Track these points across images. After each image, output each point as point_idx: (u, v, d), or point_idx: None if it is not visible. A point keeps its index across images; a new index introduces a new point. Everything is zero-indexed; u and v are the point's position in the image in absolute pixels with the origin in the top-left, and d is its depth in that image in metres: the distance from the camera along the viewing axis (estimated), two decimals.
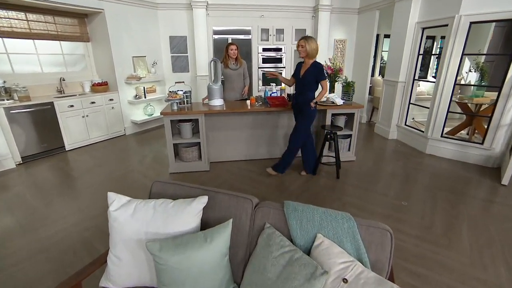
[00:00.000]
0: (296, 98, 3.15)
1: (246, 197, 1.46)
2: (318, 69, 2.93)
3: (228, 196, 1.47)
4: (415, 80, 4.43)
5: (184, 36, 5.60)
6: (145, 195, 2.94)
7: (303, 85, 3.04)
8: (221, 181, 3.32)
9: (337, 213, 1.34)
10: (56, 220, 2.55)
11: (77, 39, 4.86)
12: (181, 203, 1.37)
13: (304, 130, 3.14)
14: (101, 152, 4.35)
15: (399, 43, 4.48)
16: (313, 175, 3.46)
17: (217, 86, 3.48)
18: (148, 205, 1.35)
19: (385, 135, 4.99)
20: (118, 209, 1.32)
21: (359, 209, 2.73)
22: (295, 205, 1.40)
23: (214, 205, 1.46)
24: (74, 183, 3.29)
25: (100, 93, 4.76)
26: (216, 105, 3.52)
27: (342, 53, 6.17)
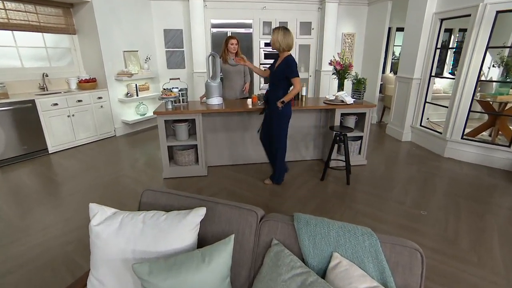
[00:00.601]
0: (267, 95, 3.03)
1: (250, 209, 1.36)
2: (288, 64, 2.78)
3: (229, 208, 1.37)
4: (432, 77, 4.34)
5: (180, 29, 5.52)
6: (136, 203, 2.90)
7: (273, 81, 2.94)
8: (220, 188, 3.22)
9: (356, 228, 1.22)
10: (33, 232, 2.44)
11: (62, 31, 4.77)
12: (175, 215, 1.26)
13: (279, 132, 3.01)
14: (88, 155, 4.25)
15: (414, 37, 4.39)
16: (278, 184, 3.30)
17: (215, 83, 3.38)
18: (136, 218, 1.24)
19: (398, 136, 4.90)
20: (101, 223, 1.21)
21: (372, 218, 2.63)
22: (306, 218, 1.29)
23: (213, 217, 1.35)
24: (57, 189, 3.19)
25: (88, 91, 4.66)
26: (214, 104, 3.43)
27: (350, 48, 6.09)
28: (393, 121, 5.02)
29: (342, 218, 2.62)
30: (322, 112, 3.83)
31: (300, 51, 5.96)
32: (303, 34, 5.84)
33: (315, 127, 3.90)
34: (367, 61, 5.95)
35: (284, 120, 2.97)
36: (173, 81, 3.73)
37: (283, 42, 2.75)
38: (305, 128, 3.88)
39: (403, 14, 4.68)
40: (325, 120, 3.88)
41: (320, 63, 5.97)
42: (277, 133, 3.01)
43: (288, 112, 2.97)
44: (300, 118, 3.80)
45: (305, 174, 3.57)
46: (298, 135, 3.90)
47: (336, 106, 3.52)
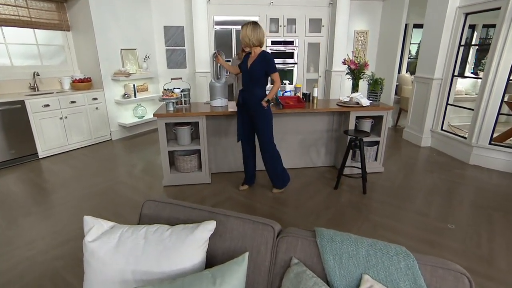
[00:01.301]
0: (242, 96, 2.95)
1: (265, 223, 1.28)
2: (266, 59, 2.75)
3: (242, 221, 1.29)
4: (455, 77, 4.27)
5: (181, 26, 5.50)
6: (134, 214, 2.83)
7: (250, 80, 2.87)
8: (225, 197, 3.15)
9: (389, 247, 1.14)
10: (19, 246, 2.36)
11: (55, 27, 4.75)
12: (181, 230, 1.18)
13: (269, 135, 2.96)
14: (81, 160, 4.19)
15: (435, 33, 4.33)
16: (252, 185, 3.34)
17: (220, 83, 3.33)
18: (137, 234, 1.15)
19: (416, 141, 4.81)
20: (97, 239, 1.13)
21: (394, 232, 2.54)
22: (330, 234, 1.20)
23: (224, 232, 1.28)
24: (46, 198, 3.12)
25: (82, 91, 4.63)
26: (218, 105, 3.37)
27: (363, 46, 6.04)
28: (411, 125, 4.94)
29: (360, 232, 2.53)
30: (335, 115, 3.76)
31: (309, 49, 5.91)
32: (312, 31, 5.79)
33: (327, 131, 3.83)
34: (381, 61, 5.89)
35: (270, 120, 2.94)
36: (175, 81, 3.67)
37: (252, 36, 2.74)
38: (316, 132, 3.80)
39: (421, 9, 4.63)
40: (338, 124, 3.81)
41: (330, 62, 5.90)
42: (266, 136, 2.95)
43: (271, 111, 2.95)
44: (310, 121, 3.73)
45: (317, 182, 3.49)
46: (309, 140, 3.83)
47: (350, 109, 3.45)
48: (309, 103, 3.67)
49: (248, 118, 3.00)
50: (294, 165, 3.89)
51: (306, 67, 6.03)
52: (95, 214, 2.79)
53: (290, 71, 5.94)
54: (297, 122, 3.71)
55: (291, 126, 3.71)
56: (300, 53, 5.87)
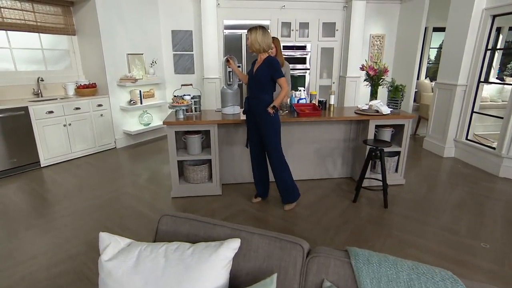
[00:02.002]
0: (248, 103, 2.95)
1: (293, 241, 1.24)
2: (271, 65, 2.75)
3: (268, 239, 1.25)
4: (481, 83, 4.21)
5: (189, 30, 5.55)
6: (141, 227, 2.81)
7: (257, 87, 2.86)
8: (237, 210, 3.11)
9: (434, 271, 1.08)
10: (20, 261, 2.33)
11: (61, 32, 4.82)
12: (204, 249, 1.14)
13: (276, 145, 2.93)
14: (85, 169, 4.20)
15: (459, 37, 4.29)
16: (265, 198, 3.32)
17: (232, 90, 3.32)
18: (157, 252, 1.12)
19: (438, 152, 4.74)
20: (114, 258, 1.09)
21: (421, 250, 2.46)
22: (366, 255, 1.15)
23: (248, 251, 1.24)
24: (49, 210, 3.10)
25: (87, 97, 4.66)
26: (229, 113, 3.36)
27: (379, 50, 6.02)
28: (432, 134, 4.87)
29: (384, 249, 2.46)
30: (352, 123, 3.72)
31: (322, 54, 5.92)
32: (326, 36, 5.80)
33: (343, 140, 3.79)
34: (399, 66, 5.85)
35: (277, 129, 2.91)
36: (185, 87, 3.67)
37: (263, 42, 2.73)
38: (332, 141, 3.76)
39: (441, 11, 4.60)
40: (356, 133, 3.76)
41: (345, 68, 5.89)
42: (273, 145, 2.92)
43: (278, 119, 2.92)
44: (326, 130, 3.70)
45: (333, 195, 3.44)
46: (325, 150, 3.79)
47: (370, 117, 3.41)
48: (325, 111, 3.64)
49: (255, 126, 2.98)
50: (309, 176, 3.84)
51: (319, 73, 6.03)
52: (100, 227, 2.77)
53: (302, 77, 5.94)
54: (312, 130, 3.68)
55: (306, 135, 3.68)
56: (312, 58, 5.87)
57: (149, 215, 2.98)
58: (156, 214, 3.01)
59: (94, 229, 2.74)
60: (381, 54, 6.01)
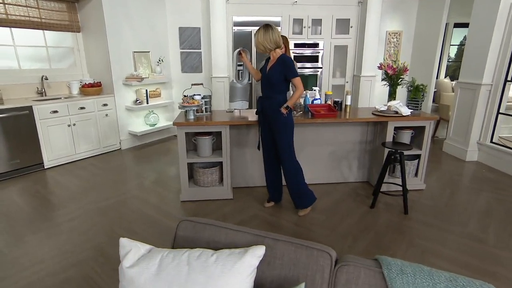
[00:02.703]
0: (261, 103, 2.96)
1: (321, 249, 1.23)
2: (285, 63, 2.75)
3: (293, 246, 1.25)
4: (508, 82, 4.16)
5: (197, 27, 5.58)
6: (150, 232, 2.82)
7: (270, 86, 2.86)
8: (250, 215, 3.11)
9: (473, 284, 1.06)
10: (27, 266, 2.35)
11: (65, 29, 4.88)
12: (228, 256, 1.15)
13: (289, 147, 2.94)
14: (89, 171, 4.24)
15: (484, 33, 4.24)
16: (278, 202, 3.34)
17: (241, 84, 3.30)
18: (179, 259, 1.12)
19: (460, 155, 4.70)
20: (135, 265, 1.10)
21: (447, 260, 2.43)
22: (399, 265, 1.14)
23: (273, 259, 1.24)
24: (54, 213, 3.13)
25: (92, 97, 4.71)
26: (237, 108, 3.37)
27: (396, 48, 5.99)
28: (453, 137, 4.82)
29: (406, 258, 2.44)
30: (369, 125, 3.70)
31: (336, 53, 5.90)
32: (339, 33, 5.79)
33: (360, 142, 3.77)
34: (416, 65, 5.81)
35: (290, 130, 2.91)
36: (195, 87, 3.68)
37: (265, 41, 2.74)
38: (348, 144, 3.75)
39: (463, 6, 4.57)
40: (373, 135, 3.74)
41: (359, 66, 5.87)
42: (286, 147, 2.92)
43: (292, 120, 2.92)
44: (342, 132, 3.69)
45: (349, 200, 3.42)
46: (340, 152, 3.78)
47: (388, 118, 3.39)
48: (341, 112, 3.62)
49: (268, 127, 2.98)
50: (324, 180, 3.83)
51: (332, 72, 6.01)
52: (108, 231, 2.79)
53: (314, 76, 5.93)
54: (327, 132, 3.67)
55: (320, 137, 3.67)
56: (325, 56, 5.86)
57: (158, 220, 2.99)
58: (165, 218, 3.02)
59: (102, 233, 2.76)
60: (398, 52, 5.98)
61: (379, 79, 6.05)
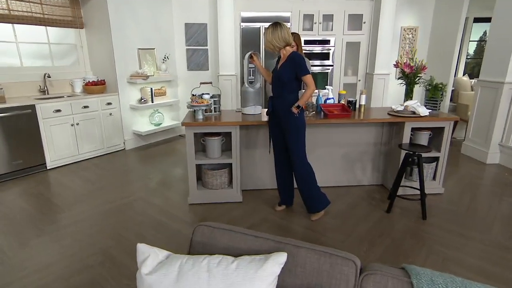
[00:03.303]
0: (272, 103, 2.96)
1: (345, 257, 1.23)
2: (295, 61, 2.75)
3: (316, 254, 1.25)
4: None
5: (204, 23, 5.60)
6: (159, 237, 2.84)
7: (280, 85, 2.86)
8: (260, 218, 3.12)
9: None
10: (32, 271, 2.36)
11: (68, 25, 4.93)
12: (249, 263, 1.15)
13: (300, 148, 2.94)
14: (93, 172, 4.28)
15: (508, 27, 4.19)
16: (290, 206, 3.35)
17: (253, 89, 3.33)
18: (199, 266, 1.12)
19: (480, 158, 4.67)
20: (154, 272, 1.10)
21: (470, 269, 2.41)
22: (429, 275, 1.13)
23: (294, 267, 1.24)
24: (58, 216, 3.16)
25: (95, 95, 4.75)
26: (250, 113, 3.38)
27: (411, 45, 5.96)
28: (472, 138, 4.79)
29: (426, 267, 2.41)
30: (384, 126, 3.69)
31: (347, 49, 5.88)
32: (351, 29, 5.77)
33: (374, 144, 3.76)
34: (433, 62, 5.77)
35: (302, 131, 2.91)
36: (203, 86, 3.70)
37: (274, 40, 2.75)
38: (362, 145, 3.74)
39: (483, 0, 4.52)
40: (388, 136, 3.73)
41: (372, 64, 5.85)
42: (297, 149, 2.92)
43: (304, 120, 2.92)
44: (356, 133, 3.68)
45: (364, 204, 3.42)
46: (353, 154, 3.77)
47: (405, 119, 3.37)
48: (355, 112, 3.61)
49: (279, 129, 2.99)
50: (336, 183, 3.82)
51: (343, 70, 5.99)
52: (114, 235, 2.81)
53: (324, 74, 5.91)
54: (340, 133, 3.66)
55: (332, 138, 3.67)
56: (337, 53, 5.84)
57: (166, 223, 3.01)
58: (173, 222, 3.03)
59: (109, 237, 2.78)
60: (413, 49, 5.95)
61: (393, 78, 6.04)
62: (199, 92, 3.44)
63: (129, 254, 2.54)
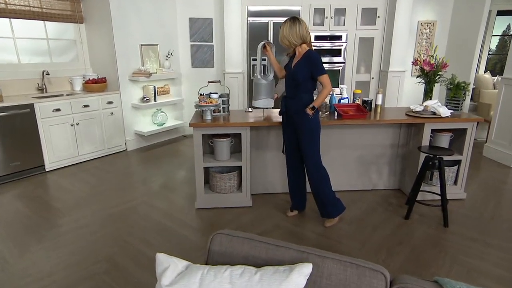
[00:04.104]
0: (286, 103, 2.97)
1: (374, 268, 1.22)
2: (311, 60, 2.74)
3: (343, 265, 1.24)
4: None
5: (209, 18, 5.62)
6: (166, 243, 2.84)
7: (295, 85, 2.86)
8: (272, 224, 3.12)
9: None
10: (36, 279, 2.37)
11: (67, 19, 4.96)
12: (272, 274, 1.15)
13: (314, 151, 2.94)
14: (94, 174, 4.30)
15: None
16: (302, 211, 3.36)
17: (266, 81, 3.29)
18: (221, 277, 1.13)
19: (504, 160, 4.66)
20: (174, 283, 1.10)
21: (499, 282, 2.38)
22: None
23: (320, 278, 1.23)
24: (60, 220, 3.18)
25: (96, 94, 4.78)
26: (260, 106, 3.38)
27: (428, 40, 5.94)
28: (495, 140, 4.77)
29: (450, 277, 2.40)
30: (401, 127, 3.68)
31: (360, 45, 5.87)
32: (365, 24, 5.76)
33: (391, 146, 3.75)
34: (452, 58, 5.72)
35: (317, 133, 2.91)
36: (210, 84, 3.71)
37: (290, 36, 2.75)
38: (378, 147, 3.74)
39: None
40: (406, 138, 3.72)
41: (386, 61, 5.83)
42: (311, 152, 2.92)
43: (318, 122, 2.92)
44: (371, 134, 3.68)
45: (380, 209, 3.41)
46: (368, 157, 3.77)
47: (425, 120, 3.36)
48: (371, 113, 3.59)
49: (292, 130, 2.99)
50: (350, 187, 3.82)
51: (356, 67, 5.98)
52: (119, 241, 2.82)
53: (336, 71, 5.90)
54: (355, 135, 3.66)
55: (346, 140, 3.67)
56: (349, 50, 5.84)
57: (173, 229, 3.01)
58: (180, 227, 3.04)
59: (113, 243, 2.79)
60: (431, 44, 5.92)
61: (408, 75, 6.02)
62: (207, 92, 3.45)
63: (134, 261, 2.55)
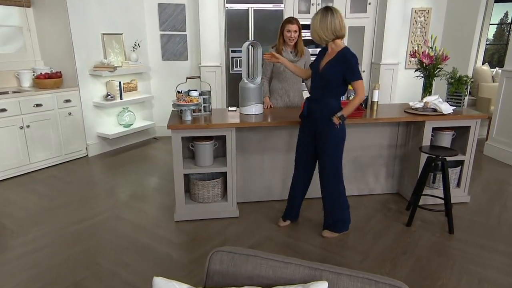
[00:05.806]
0: (309, 105, 2.95)
1: (392, 284, 1.26)
2: (346, 60, 2.71)
3: (360, 281, 1.28)
4: None
5: (182, 4, 5.61)
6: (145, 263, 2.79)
7: (322, 87, 2.86)
8: (263, 236, 3.15)
9: None
10: None
11: (10, 2, 4.78)
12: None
13: (336, 164, 2.98)
14: (51, 185, 4.22)
15: None
16: (295, 220, 3.39)
17: (254, 85, 3.34)
18: None
19: (507, 160, 4.85)
20: None
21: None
22: None
23: None
24: (11, 242, 3.05)
25: (50, 90, 4.68)
26: (251, 114, 3.43)
27: (422, 29, 6.11)
28: (497, 137, 4.96)
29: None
30: (399, 125, 3.78)
31: (350, 35, 5.96)
32: (354, 11, 5.89)
33: (388, 147, 3.85)
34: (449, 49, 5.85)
35: (342, 143, 2.94)
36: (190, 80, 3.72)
37: (321, 30, 2.69)
38: (374, 148, 3.83)
39: None
40: (404, 138, 3.83)
41: (378, 52, 5.98)
42: (332, 163, 2.95)
43: (345, 132, 2.95)
44: (367, 134, 3.76)
45: (379, 216, 3.49)
46: (364, 159, 3.85)
47: (426, 118, 3.46)
48: (367, 110, 3.65)
49: (311, 137, 2.98)
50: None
51: None
52: (88, 263, 2.75)
53: None
54: (349, 135, 3.58)
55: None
56: None
57: (151, 246, 2.98)
58: (159, 244, 3.02)
59: (81, 266, 2.71)
60: (425, 33, 6.10)
61: (402, 67, 6.18)
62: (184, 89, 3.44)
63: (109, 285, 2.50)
